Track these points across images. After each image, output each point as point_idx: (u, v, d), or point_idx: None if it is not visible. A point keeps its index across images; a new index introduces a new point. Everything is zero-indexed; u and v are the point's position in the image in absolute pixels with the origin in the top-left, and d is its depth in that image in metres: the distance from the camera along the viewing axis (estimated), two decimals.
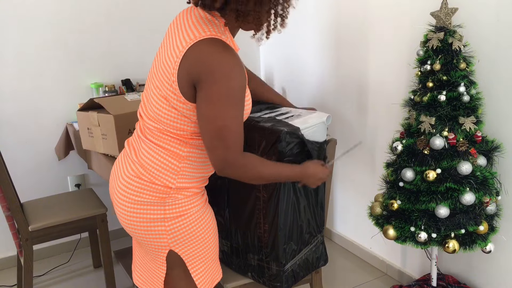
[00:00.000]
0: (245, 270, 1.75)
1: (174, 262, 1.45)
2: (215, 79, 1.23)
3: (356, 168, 2.73)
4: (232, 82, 1.24)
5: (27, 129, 2.80)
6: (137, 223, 1.41)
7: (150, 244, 1.44)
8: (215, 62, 1.23)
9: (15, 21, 2.67)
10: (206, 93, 1.25)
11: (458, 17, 1.89)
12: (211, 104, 1.25)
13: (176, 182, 1.39)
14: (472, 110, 1.83)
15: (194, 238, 1.43)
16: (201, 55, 1.24)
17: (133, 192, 1.40)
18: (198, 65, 1.24)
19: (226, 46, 1.25)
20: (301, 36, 2.98)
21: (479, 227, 1.83)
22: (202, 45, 1.25)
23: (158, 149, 1.39)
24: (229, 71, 1.23)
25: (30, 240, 2.27)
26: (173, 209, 1.39)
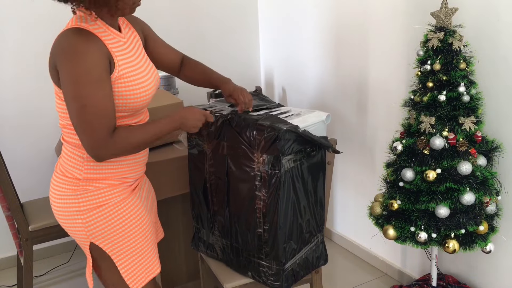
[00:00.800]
0: (245, 269, 1.75)
1: (99, 254, 1.48)
2: (65, 60, 1.29)
3: (356, 168, 2.73)
4: (81, 63, 1.27)
5: (27, 129, 2.80)
6: (59, 215, 1.47)
7: (74, 236, 1.49)
8: (64, 45, 1.30)
9: (15, 21, 2.67)
10: (62, 76, 1.30)
11: (458, 17, 1.89)
12: (68, 85, 1.30)
13: (83, 172, 1.43)
14: (472, 110, 1.83)
15: (114, 232, 1.45)
16: (57, 44, 1.33)
17: (54, 187, 1.48)
18: (54, 52, 1.33)
19: (80, 31, 1.31)
20: (301, 36, 2.98)
21: (479, 227, 1.83)
22: (61, 36, 1.33)
23: (66, 144, 1.46)
24: (78, 53, 1.28)
25: (30, 240, 2.26)
26: (87, 201, 1.42)
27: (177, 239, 2.37)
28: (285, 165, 1.55)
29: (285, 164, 1.55)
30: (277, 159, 1.54)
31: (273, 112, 1.74)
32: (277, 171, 1.55)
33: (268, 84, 3.44)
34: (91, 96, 1.29)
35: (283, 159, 1.54)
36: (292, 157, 1.57)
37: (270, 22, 3.29)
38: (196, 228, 1.93)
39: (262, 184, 1.60)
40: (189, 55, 3.30)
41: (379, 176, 2.19)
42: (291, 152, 1.56)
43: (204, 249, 1.91)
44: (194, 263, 2.41)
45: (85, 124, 1.30)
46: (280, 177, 1.55)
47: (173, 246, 2.36)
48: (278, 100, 3.35)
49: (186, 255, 2.40)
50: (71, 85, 1.29)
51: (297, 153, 1.58)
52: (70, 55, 1.28)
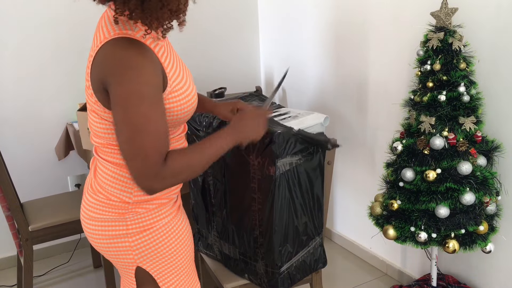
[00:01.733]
0: (242, 271, 1.75)
1: (143, 278, 1.37)
2: (119, 79, 1.12)
3: (356, 168, 2.73)
4: (138, 77, 1.12)
5: (27, 129, 2.80)
6: (101, 240, 1.34)
7: (117, 260, 1.37)
8: (117, 61, 1.13)
9: (15, 21, 2.67)
10: (114, 96, 1.14)
11: (458, 17, 1.89)
12: (120, 107, 1.13)
13: (133, 196, 1.29)
14: (472, 110, 1.83)
15: (162, 254, 1.34)
16: (104, 57, 1.15)
17: (93, 210, 1.33)
18: (103, 68, 1.15)
19: (131, 42, 1.15)
20: (301, 35, 2.98)
21: (479, 227, 1.83)
22: (107, 47, 1.15)
23: (108, 164, 1.30)
24: (133, 67, 1.12)
25: (30, 240, 2.26)
26: (135, 224, 1.30)
27: None
28: (280, 168, 1.53)
29: (280, 167, 1.53)
30: (272, 162, 1.52)
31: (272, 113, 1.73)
32: (272, 174, 1.53)
33: (268, 84, 3.44)
34: (146, 119, 1.13)
35: (278, 162, 1.52)
36: (288, 159, 1.55)
37: (270, 21, 3.29)
38: (197, 228, 1.93)
39: (257, 187, 1.58)
40: (189, 55, 3.32)
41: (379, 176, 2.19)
42: (287, 155, 1.54)
43: (203, 249, 1.91)
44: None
45: (138, 150, 1.14)
46: (275, 180, 1.53)
47: None
48: (278, 100, 3.35)
49: None
50: (125, 106, 1.12)
51: (293, 156, 1.56)
52: (124, 71, 1.12)
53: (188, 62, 3.19)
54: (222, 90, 2.77)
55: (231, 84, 3.32)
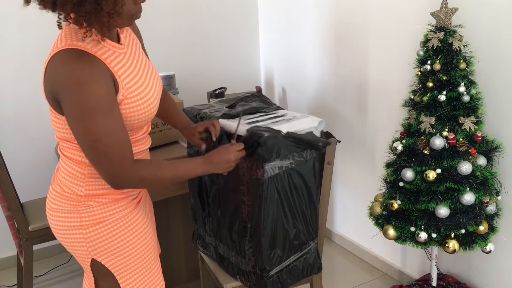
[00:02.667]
0: (234, 272, 1.74)
1: (101, 271, 1.40)
2: (69, 95, 1.16)
3: (356, 168, 2.73)
4: (88, 94, 1.15)
5: (27, 129, 2.80)
6: (58, 230, 1.39)
7: (74, 252, 1.41)
8: (65, 77, 1.16)
9: (15, 22, 2.67)
10: (67, 109, 1.18)
11: (458, 17, 1.89)
12: (75, 120, 1.18)
13: (84, 189, 1.34)
14: (472, 110, 1.83)
15: (117, 247, 1.37)
16: (53, 71, 1.19)
17: (52, 200, 1.39)
18: (53, 82, 1.19)
19: (78, 56, 1.17)
20: (301, 36, 2.98)
21: (479, 227, 1.83)
22: (56, 58, 1.19)
23: (64, 158, 1.37)
24: (81, 83, 1.15)
25: (30, 240, 2.26)
26: (88, 217, 1.35)
27: (177, 239, 2.37)
28: (269, 171, 1.51)
29: (268, 171, 1.51)
30: (260, 165, 1.50)
31: (268, 115, 1.72)
32: (260, 178, 1.52)
33: (268, 84, 3.44)
34: (103, 129, 1.18)
35: (266, 165, 1.50)
36: (278, 163, 1.52)
37: (270, 22, 3.29)
38: (195, 227, 1.93)
39: (246, 190, 1.57)
40: (189, 55, 3.32)
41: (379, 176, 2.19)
42: (276, 158, 1.51)
43: (201, 248, 1.92)
44: (194, 263, 2.41)
45: (102, 157, 1.21)
46: (263, 184, 1.52)
47: (173, 246, 2.36)
48: (278, 100, 3.35)
49: (186, 255, 2.41)
50: (79, 120, 1.18)
51: (284, 159, 1.54)
52: (73, 87, 1.15)
53: (188, 63, 3.20)
54: (222, 90, 2.77)
55: (231, 85, 3.32)
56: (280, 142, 1.51)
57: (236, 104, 1.86)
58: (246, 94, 1.95)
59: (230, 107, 1.82)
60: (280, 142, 1.51)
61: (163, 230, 2.31)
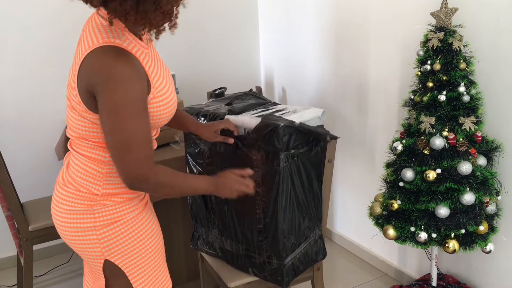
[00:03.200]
0: (246, 266, 1.76)
1: (112, 272, 1.40)
2: (108, 89, 1.18)
3: (356, 168, 2.73)
4: (127, 91, 1.18)
5: (27, 129, 2.80)
6: (70, 232, 1.38)
7: (85, 254, 1.40)
8: (106, 71, 1.18)
9: (15, 22, 2.67)
10: (102, 104, 1.21)
11: (458, 17, 1.89)
12: (109, 115, 1.21)
13: (102, 188, 1.35)
14: (472, 110, 1.83)
15: (130, 247, 1.38)
16: (93, 65, 1.20)
17: (63, 201, 1.38)
18: (92, 76, 1.21)
19: (120, 53, 1.20)
20: (301, 35, 2.98)
21: (479, 227, 1.83)
22: (95, 54, 1.21)
23: (80, 157, 1.36)
24: (122, 80, 1.18)
25: (30, 240, 2.26)
26: (103, 217, 1.35)
27: (177, 239, 2.37)
28: (284, 160, 1.56)
29: (283, 160, 1.56)
30: (275, 155, 1.55)
31: (269, 110, 1.74)
32: (276, 167, 1.56)
33: (268, 84, 3.44)
34: (135, 129, 1.22)
35: (282, 154, 1.54)
36: (290, 152, 1.58)
37: (270, 21, 3.29)
38: (195, 227, 1.93)
39: (261, 180, 1.60)
40: (189, 55, 3.32)
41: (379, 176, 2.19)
42: (289, 148, 1.56)
43: (203, 247, 1.91)
44: (194, 263, 2.41)
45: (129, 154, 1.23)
46: (279, 173, 1.56)
47: (173, 246, 2.36)
48: (278, 100, 3.35)
49: (186, 255, 2.41)
50: (113, 117, 1.20)
51: (294, 149, 1.59)
52: (113, 84, 1.18)
53: (188, 63, 3.20)
54: (222, 90, 2.77)
55: (231, 84, 3.32)
56: (295, 131, 1.56)
57: (232, 102, 1.88)
58: (238, 93, 1.98)
59: (228, 104, 1.83)
60: (294, 132, 1.56)
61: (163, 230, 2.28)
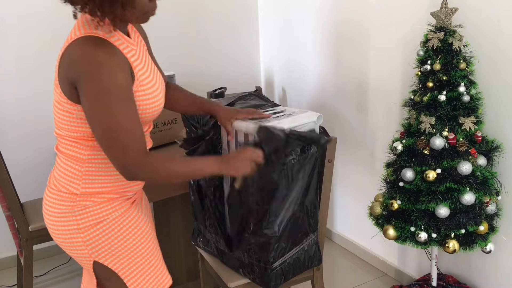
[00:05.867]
0: (236, 267, 1.76)
1: (102, 273, 1.39)
2: (89, 78, 1.18)
3: (356, 168, 2.73)
4: (109, 77, 1.18)
5: (27, 129, 2.80)
6: (58, 235, 1.38)
7: (74, 255, 1.40)
8: (86, 60, 1.18)
9: (15, 21, 2.67)
10: (84, 93, 1.20)
11: (458, 17, 1.89)
12: (92, 103, 1.20)
13: (81, 187, 1.33)
14: (472, 110, 1.83)
15: (118, 247, 1.36)
16: (73, 55, 1.21)
17: (48, 203, 1.37)
18: (72, 66, 1.21)
19: (100, 43, 1.20)
20: (301, 35, 2.98)
21: (479, 227, 1.83)
22: (75, 45, 1.21)
23: (61, 156, 1.36)
24: (104, 69, 1.18)
25: (30, 240, 2.26)
26: (85, 218, 1.33)
27: (177, 239, 2.37)
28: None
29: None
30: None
31: (267, 111, 1.74)
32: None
33: (268, 84, 3.44)
34: (121, 116, 1.20)
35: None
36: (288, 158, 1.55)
37: (270, 22, 3.29)
38: (196, 224, 1.94)
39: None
40: (189, 55, 3.32)
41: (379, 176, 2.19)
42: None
43: (202, 244, 1.92)
44: (194, 263, 2.41)
45: (116, 142, 1.21)
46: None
47: (173, 246, 2.36)
48: (278, 100, 3.35)
49: (186, 255, 2.41)
50: (98, 104, 1.19)
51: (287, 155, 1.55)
52: (94, 71, 1.17)
53: (188, 63, 3.20)
54: (222, 90, 2.77)
55: (231, 84, 3.32)
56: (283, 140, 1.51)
57: (235, 102, 1.88)
58: (243, 93, 1.97)
59: (230, 105, 1.83)
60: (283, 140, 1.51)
61: (163, 230, 2.31)
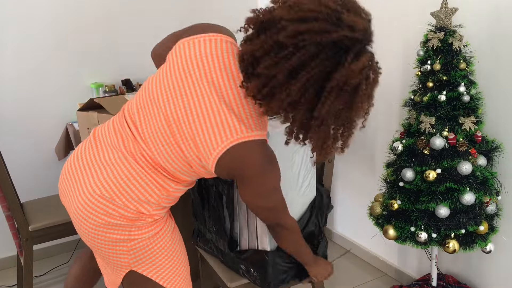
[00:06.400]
0: (236, 266, 1.76)
1: (134, 282, 1.40)
2: (257, 180, 1.24)
3: (356, 168, 2.73)
4: (275, 178, 1.27)
5: (27, 129, 2.80)
6: (100, 242, 1.33)
7: (112, 261, 1.38)
8: (257, 166, 1.21)
9: (15, 21, 2.67)
10: (247, 190, 1.28)
11: (458, 17, 1.89)
12: (254, 197, 1.30)
13: (152, 210, 1.32)
14: (472, 110, 1.83)
15: (162, 259, 1.39)
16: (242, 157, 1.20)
17: (100, 215, 1.28)
18: (237, 168, 1.21)
19: (264, 148, 1.22)
20: None
21: (479, 227, 1.83)
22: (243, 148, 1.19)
23: (150, 181, 1.29)
24: (271, 170, 1.25)
25: (30, 240, 2.26)
26: (138, 231, 1.33)
27: None
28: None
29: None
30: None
31: None
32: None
33: None
34: (277, 199, 1.34)
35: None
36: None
37: None
38: (196, 224, 1.94)
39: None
40: None
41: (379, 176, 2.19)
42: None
43: (202, 244, 1.92)
44: (194, 263, 2.41)
45: (275, 214, 1.38)
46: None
47: None
48: None
49: None
50: (263, 198, 1.31)
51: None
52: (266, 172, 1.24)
53: None
54: None
55: None
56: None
57: None
58: None
59: None
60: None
61: None
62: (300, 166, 1.65)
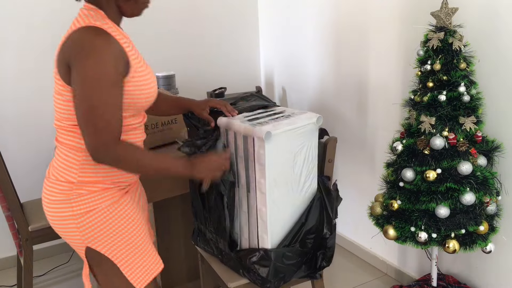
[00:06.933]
0: (236, 266, 1.76)
1: (95, 259, 1.46)
2: (83, 59, 1.26)
3: (356, 168, 2.73)
4: (100, 65, 1.26)
5: (27, 129, 2.80)
6: (53, 220, 1.46)
7: (69, 241, 1.47)
8: (83, 44, 1.27)
9: (15, 21, 2.67)
10: (76, 72, 1.28)
11: (458, 17, 1.89)
12: (80, 83, 1.27)
13: (78, 176, 1.40)
14: (472, 110, 1.83)
15: (110, 234, 1.43)
16: (73, 40, 1.30)
17: (46, 192, 1.45)
18: (70, 48, 1.29)
19: (99, 32, 1.29)
20: (301, 35, 2.98)
21: (479, 227, 1.83)
22: (76, 32, 1.30)
23: (60, 146, 1.43)
24: (98, 54, 1.26)
25: (30, 240, 2.26)
26: (79, 205, 1.40)
27: (177, 239, 2.37)
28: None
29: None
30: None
31: (267, 112, 1.74)
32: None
33: (268, 84, 3.44)
34: (103, 100, 1.28)
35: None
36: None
37: (270, 21, 3.29)
38: (196, 224, 1.94)
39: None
40: (189, 55, 3.31)
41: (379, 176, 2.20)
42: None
43: (202, 244, 1.92)
44: (194, 263, 2.41)
45: (92, 124, 1.29)
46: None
47: (173, 246, 2.36)
48: (278, 100, 3.35)
49: (186, 255, 2.41)
50: (86, 83, 1.26)
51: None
52: (89, 53, 1.26)
53: (188, 63, 3.20)
54: (222, 90, 2.77)
55: (231, 84, 3.32)
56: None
57: (236, 103, 1.88)
58: (244, 93, 1.97)
59: (232, 105, 1.83)
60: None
61: (163, 230, 2.31)
62: (302, 167, 1.65)
